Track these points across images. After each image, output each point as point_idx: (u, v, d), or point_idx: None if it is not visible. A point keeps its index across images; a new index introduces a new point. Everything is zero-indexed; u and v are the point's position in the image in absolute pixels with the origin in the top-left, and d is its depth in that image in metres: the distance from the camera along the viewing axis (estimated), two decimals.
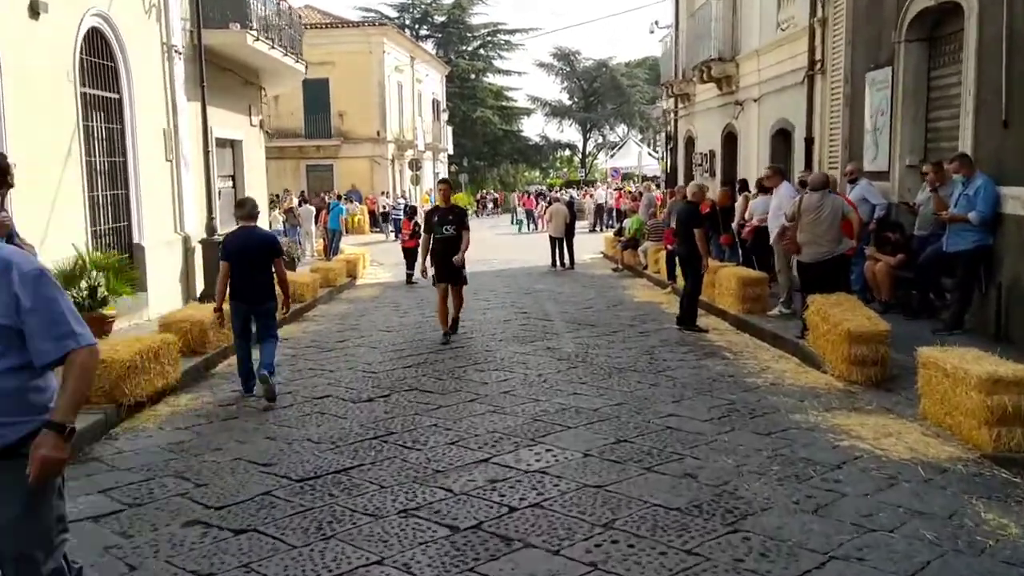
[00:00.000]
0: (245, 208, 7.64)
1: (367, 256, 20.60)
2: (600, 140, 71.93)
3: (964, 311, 8.65)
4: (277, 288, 7.70)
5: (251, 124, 16.90)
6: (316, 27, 36.92)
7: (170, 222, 12.58)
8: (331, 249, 22.43)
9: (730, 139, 18.75)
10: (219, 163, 15.15)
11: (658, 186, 26.42)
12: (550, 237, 20.12)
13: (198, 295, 12.89)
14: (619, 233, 21.90)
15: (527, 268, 20.26)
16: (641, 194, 24.23)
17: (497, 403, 6.98)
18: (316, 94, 36.56)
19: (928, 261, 9.19)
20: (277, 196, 30.72)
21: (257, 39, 13.96)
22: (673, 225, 16.18)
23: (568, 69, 68.24)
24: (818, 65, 13.06)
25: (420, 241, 10.81)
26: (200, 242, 12.96)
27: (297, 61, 16.93)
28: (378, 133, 36.91)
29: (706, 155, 20.29)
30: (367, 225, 34.69)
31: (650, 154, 49.69)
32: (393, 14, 57.93)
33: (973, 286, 8.57)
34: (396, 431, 6.22)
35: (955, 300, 8.75)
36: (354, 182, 36.44)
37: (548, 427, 6.20)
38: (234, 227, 7.96)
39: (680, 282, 13.39)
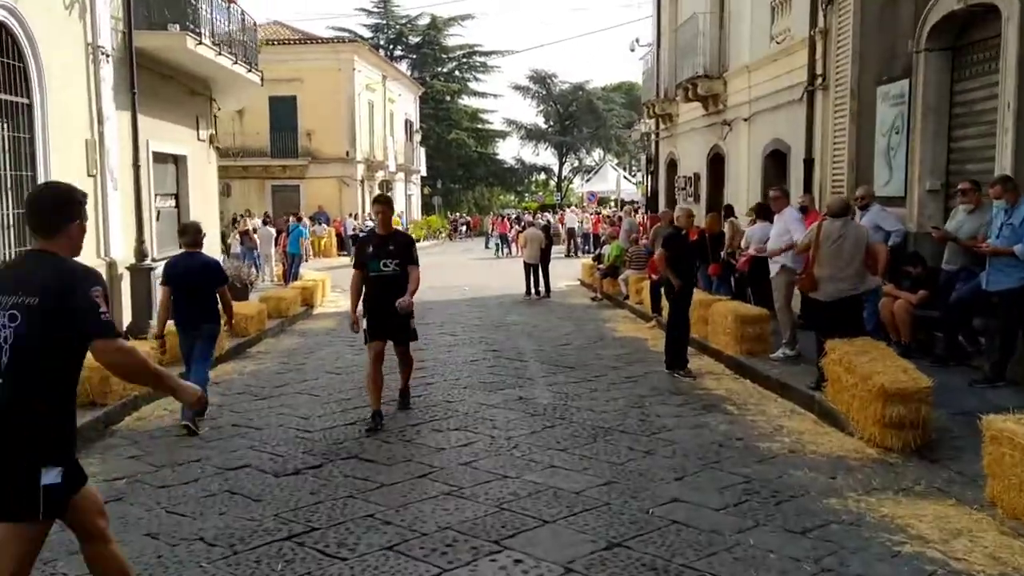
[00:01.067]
0: (188, 235, 7.55)
1: (328, 283, 19.13)
2: (576, 164, 71.14)
3: (1007, 360, 7.38)
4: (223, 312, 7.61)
5: (199, 138, 15.44)
6: (284, 43, 35.64)
7: (92, 246, 11.04)
8: (290, 275, 20.96)
9: (716, 161, 17.58)
10: (159, 180, 13.68)
11: (637, 211, 25.22)
12: (524, 264, 18.81)
13: (124, 329, 11.36)
14: (598, 260, 20.64)
15: (500, 296, 18.91)
16: (620, 219, 23.04)
17: (454, 480, 5.55)
18: (283, 112, 35.20)
19: (961, 300, 7.94)
20: (239, 216, 29.25)
21: (200, 43, 12.55)
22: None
23: (544, 92, 67.43)
24: (819, 80, 11.89)
25: (350, 281, 7.63)
26: (128, 268, 11.46)
27: (250, 71, 15.54)
28: (347, 153, 35.55)
29: (690, 179, 19.13)
30: (334, 248, 33.18)
31: (626, 178, 48.97)
32: (367, 34, 56.84)
33: (1018, 331, 7.32)
34: (319, 525, 4.77)
35: (996, 347, 7.48)
36: (322, 203, 35.01)
37: (518, 520, 4.79)
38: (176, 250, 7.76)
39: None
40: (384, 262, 7.24)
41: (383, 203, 7.59)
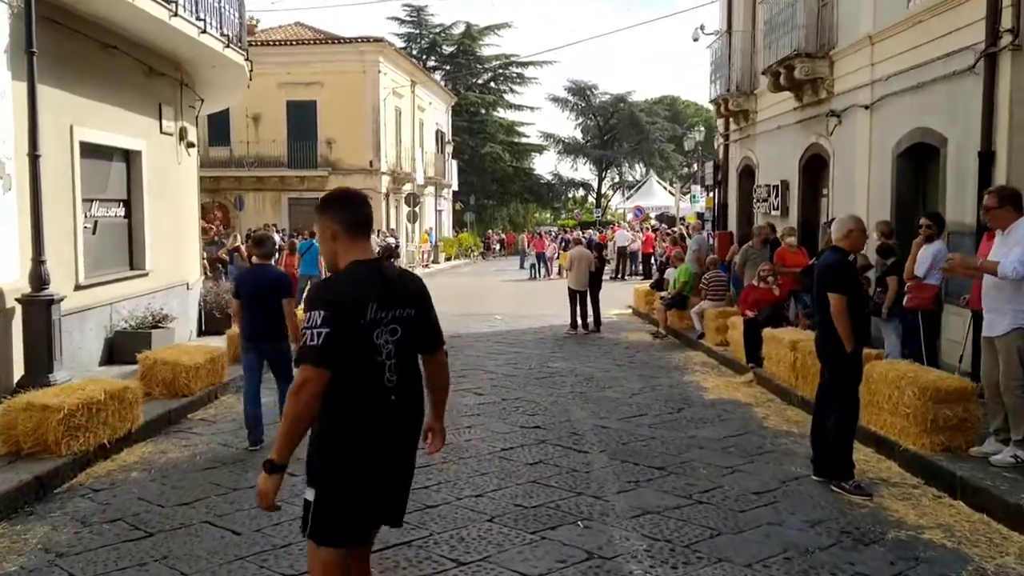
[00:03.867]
0: (266, 246, 7.45)
1: None
2: (616, 179, 67.61)
3: None
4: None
5: (162, 131, 12.19)
6: (303, 43, 32.77)
7: None
8: (299, 300, 17.55)
9: (814, 164, 13.96)
10: (95, 181, 10.42)
11: (703, 226, 21.47)
12: (569, 290, 15.26)
13: (14, 383, 8.03)
14: (658, 286, 17.07)
15: (538, 328, 15.45)
16: (683, 237, 19.43)
17: None
18: (302, 118, 32.27)
19: None
20: (251, 232, 26.16)
21: None
22: (755, 281, 11.38)
23: (583, 104, 64.17)
24: (1007, 37, 8.26)
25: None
26: (20, 300, 8.14)
27: (228, 46, 12.27)
28: (371, 163, 32.37)
29: (775, 187, 15.48)
30: None
31: (669, 192, 45.43)
32: (400, 44, 53.95)
33: None
34: None
35: None
36: None
37: None
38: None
39: (779, 366, 8.48)
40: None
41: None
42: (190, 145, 13.37)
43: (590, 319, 15.20)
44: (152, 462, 6.51)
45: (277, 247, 14.76)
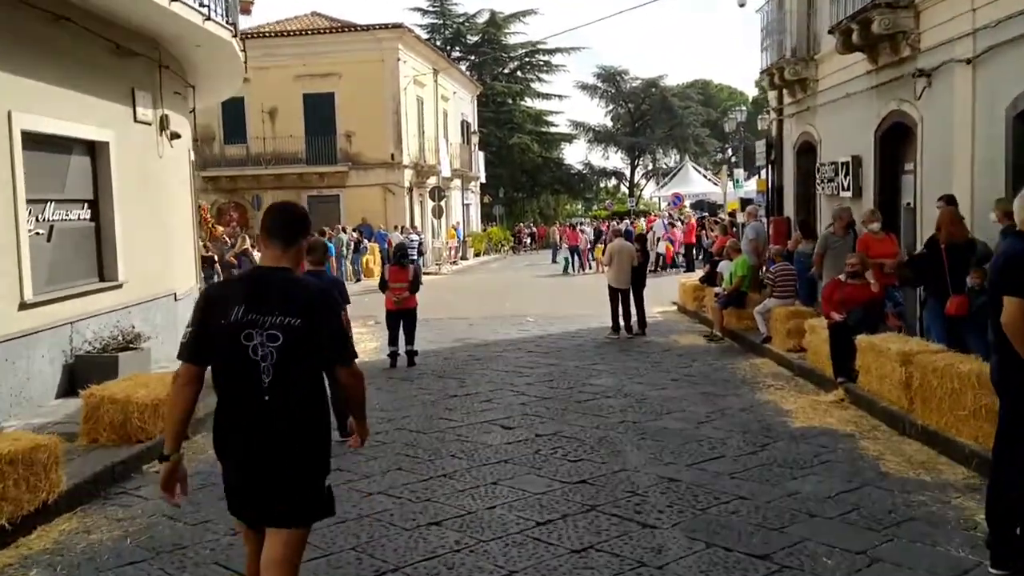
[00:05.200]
0: (317, 252, 7.12)
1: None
2: (649, 167, 65.38)
3: None
4: None
5: (135, 119, 10.55)
6: (319, 32, 31.17)
7: None
8: None
9: (894, 135, 11.94)
10: (48, 177, 8.80)
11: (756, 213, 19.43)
12: (610, 288, 13.43)
13: None
14: (710, 280, 15.16)
15: (575, 332, 13.70)
16: (734, 226, 17.49)
17: None
18: (319, 111, 30.71)
19: None
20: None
21: None
22: (840, 276, 9.44)
23: (613, 91, 62.04)
24: None
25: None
26: None
27: (208, 19, 10.58)
28: (392, 156, 30.72)
29: (844, 164, 13.46)
30: (377, 268, 28.27)
31: (706, 177, 43.35)
32: (423, 35, 52.23)
33: None
34: None
35: None
36: (365, 215, 30.30)
37: None
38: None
39: (884, 385, 6.55)
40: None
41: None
42: (174, 136, 11.73)
43: (633, 320, 13.40)
44: (66, 550, 4.83)
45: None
